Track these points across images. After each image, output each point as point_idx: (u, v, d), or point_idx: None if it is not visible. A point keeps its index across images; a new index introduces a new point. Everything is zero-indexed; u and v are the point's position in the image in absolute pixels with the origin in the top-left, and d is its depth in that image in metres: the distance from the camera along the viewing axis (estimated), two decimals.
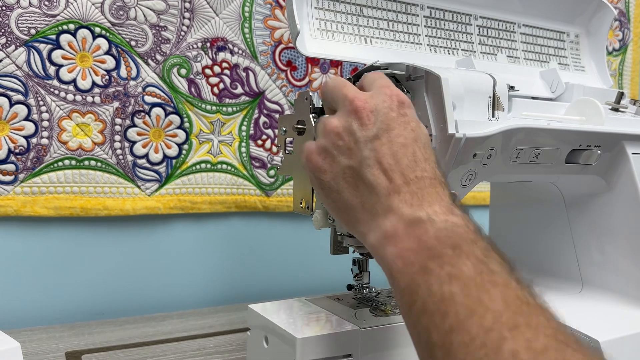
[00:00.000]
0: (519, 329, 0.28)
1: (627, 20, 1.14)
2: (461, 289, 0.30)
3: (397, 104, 0.40)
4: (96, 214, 0.73)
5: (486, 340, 0.28)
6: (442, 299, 0.31)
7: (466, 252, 0.32)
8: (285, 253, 0.86)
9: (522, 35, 0.64)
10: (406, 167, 0.37)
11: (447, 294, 0.31)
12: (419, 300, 0.32)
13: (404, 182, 0.37)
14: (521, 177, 0.56)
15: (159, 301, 0.78)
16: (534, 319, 0.29)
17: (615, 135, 0.56)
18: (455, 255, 0.32)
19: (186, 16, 0.76)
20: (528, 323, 0.28)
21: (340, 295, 0.56)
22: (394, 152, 0.38)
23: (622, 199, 0.58)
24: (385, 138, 0.39)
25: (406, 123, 0.40)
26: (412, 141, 0.39)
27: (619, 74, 1.15)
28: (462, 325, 0.29)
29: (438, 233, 0.34)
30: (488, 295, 0.30)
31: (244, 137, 0.82)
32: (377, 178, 0.38)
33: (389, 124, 0.39)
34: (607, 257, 0.59)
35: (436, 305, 0.31)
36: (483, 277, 0.31)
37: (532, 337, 0.28)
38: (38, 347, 0.62)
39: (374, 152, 0.38)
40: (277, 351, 0.48)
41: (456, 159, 0.44)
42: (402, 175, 0.37)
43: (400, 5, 0.56)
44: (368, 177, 0.38)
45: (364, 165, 0.38)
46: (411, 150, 0.38)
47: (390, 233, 0.35)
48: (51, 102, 0.70)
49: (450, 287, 0.31)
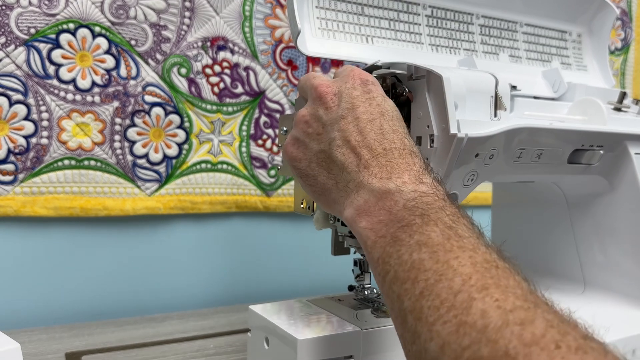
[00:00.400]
0: (487, 290, 0.28)
1: (629, 20, 1.14)
2: (430, 255, 0.31)
3: (360, 82, 0.42)
4: (96, 214, 0.72)
5: (455, 302, 0.28)
6: (412, 266, 0.31)
7: (434, 219, 0.33)
8: (286, 254, 0.86)
9: (524, 35, 0.64)
10: (373, 141, 0.38)
11: (416, 261, 0.31)
12: (391, 270, 0.33)
13: (372, 157, 0.38)
14: (523, 177, 0.56)
15: (159, 302, 0.78)
16: (502, 280, 0.29)
17: (618, 135, 0.55)
18: (423, 224, 0.33)
19: (186, 15, 0.75)
20: (497, 284, 0.29)
21: (341, 296, 0.56)
22: (361, 129, 0.39)
23: (625, 199, 0.58)
24: (350, 117, 0.40)
25: (371, 99, 0.41)
26: (379, 115, 0.40)
27: (621, 73, 1.14)
28: (431, 289, 0.30)
29: (407, 203, 0.34)
30: (457, 260, 0.30)
31: (244, 137, 0.81)
32: (347, 157, 0.39)
33: (353, 102, 0.40)
34: (609, 257, 0.59)
35: (407, 273, 0.32)
36: (451, 243, 0.31)
37: (501, 298, 0.28)
38: (38, 347, 0.61)
39: (341, 132, 0.39)
40: (277, 352, 0.47)
41: (458, 159, 0.44)
42: (370, 149, 0.38)
43: (401, 4, 0.56)
44: (338, 157, 0.39)
45: (333, 146, 0.40)
46: (378, 124, 0.39)
47: (362, 208, 0.36)
48: (51, 102, 0.69)
49: (420, 254, 0.31)
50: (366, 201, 0.36)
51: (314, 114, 0.42)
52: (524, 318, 0.26)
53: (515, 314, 0.27)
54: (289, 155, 0.44)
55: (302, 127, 0.43)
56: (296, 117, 0.43)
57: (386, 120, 0.40)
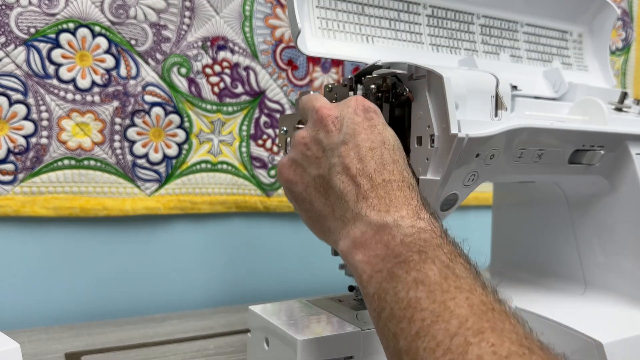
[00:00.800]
0: (484, 334, 0.28)
1: (630, 20, 1.14)
2: (427, 295, 0.31)
3: (362, 109, 0.41)
4: (95, 214, 0.72)
5: (451, 345, 0.28)
6: (408, 305, 0.31)
7: (432, 257, 0.33)
8: (286, 254, 0.86)
9: (525, 35, 0.64)
10: (374, 171, 0.38)
11: (413, 300, 0.31)
12: (387, 306, 0.32)
13: (371, 187, 0.37)
14: (524, 177, 0.56)
15: (159, 302, 0.78)
16: (499, 324, 0.29)
17: (619, 135, 0.55)
18: (421, 261, 0.32)
19: (186, 15, 0.75)
20: (493, 328, 0.28)
21: (341, 297, 0.56)
22: (362, 156, 0.38)
23: (626, 200, 0.57)
24: (352, 143, 0.39)
25: (372, 127, 0.40)
26: (380, 144, 0.39)
27: (622, 73, 1.14)
28: (428, 330, 0.29)
29: (405, 239, 0.34)
30: (454, 301, 0.30)
31: (244, 137, 0.81)
32: (346, 185, 0.38)
33: (355, 128, 0.39)
34: (610, 258, 0.59)
35: (403, 312, 0.31)
36: (449, 282, 0.31)
37: (497, 342, 0.28)
38: (37, 347, 0.61)
39: (341, 157, 0.39)
40: (277, 353, 0.47)
41: (459, 159, 0.44)
42: (370, 179, 0.37)
43: (402, 4, 0.55)
44: (337, 184, 0.38)
45: (333, 172, 0.39)
46: (379, 154, 0.39)
47: (359, 240, 0.36)
48: (51, 102, 0.69)
49: (417, 293, 0.31)
50: (363, 233, 0.36)
51: (314, 137, 0.41)
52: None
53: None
54: (284, 178, 0.42)
55: (300, 150, 0.41)
56: (294, 139, 0.42)
57: (387, 149, 0.39)
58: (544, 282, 0.64)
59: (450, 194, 0.46)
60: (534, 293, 0.61)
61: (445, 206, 0.47)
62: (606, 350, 0.48)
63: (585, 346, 0.49)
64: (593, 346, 0.48)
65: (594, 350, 0.48)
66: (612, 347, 0.48)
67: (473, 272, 0.33)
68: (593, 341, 0.49)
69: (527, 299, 0.58)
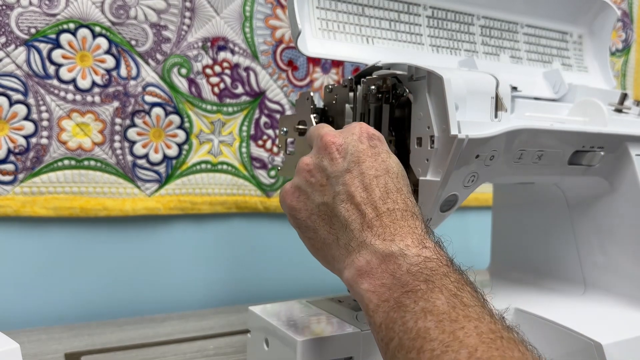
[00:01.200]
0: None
1: (630, 21, 1.14)
2: (436, 325, 0.31)
3: (367, 136, 0.41)
4: (96, 215, 0.72)
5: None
6: (417, 335, 0.31)
7: (439, 286, 0.33)
8: (286, 254, 0.86)
9: (525, 36, 0.64)
10: (378, 199, 0.38)
11: (422, 330, 0.31)
12: (396, 336, 0.32)
13: (376, 216, 0.37)
14: (524, 178, 0.56)
15: (159, 302, 0.78)
16: (508, 352, 0.29)
17: (619, 136, 0.55)
18: (428, 290, 0.32)
19: (187, 15, 0.75)
20: (502, 356, 0.29)
21: (341, 297, 0.56)
22: (366, 185, 0.38)
23: (626, 201, 0.58)
24: (356, 171, 0.39)
25: (376, 155, 0.40)
26: (384, 172, 0.39)
27: (622, 74, 1.14)
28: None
29: (411, 268, 0.34)
30: (462, 330, 0.30)
31: (244, 138, 0.81)
32: (350, 213, 0.38)
33: (359, 156, 0.40)
34: (610, 259, 0.59)
35: (412, 342, 0.31)
36: (457, 312, 0.31)
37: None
38: (37, 348, 0.61)
39: (346, 185, 0.39)
40: (277, 353, 0.47)
41: (459, 160, 0.44)
42: (374, 208, 0.38)
43: (402, 5, 0.56)
44: (342, 212, 0.38)
45: (337, 200, 0.39)
46: (383, 182, 0.39)
47: (364, 269, 0.36)
48: (51, 102, 0.69)
49: (425, 323, 0.31)
50: (368, 262, 0.36)
51: (318, 165, 0.41)
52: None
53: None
54: (288, 205, 0.42)
55: (304, 176, 0.41)
56: (299, 165, 0.42)
57: (391, 178, 0.39)
58: (543, 283, 0.64)
59: (450, 195, 0.46)
60: (534, 294, 0.61)
61: (445, 207, 0.47)
62: (606, 351, 0.48)
63: (585, 347, 0.49)
64: (593, 347, 0.48)
65: (594, 351, 0.48)
66: (612, 348, 0.48)
67: (480, 300, 0.33)
68: (593, 342, 0.49)
69: (527, 300, 0.58)
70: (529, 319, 0.54)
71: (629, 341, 0.51)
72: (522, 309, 0.55)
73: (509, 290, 0.62)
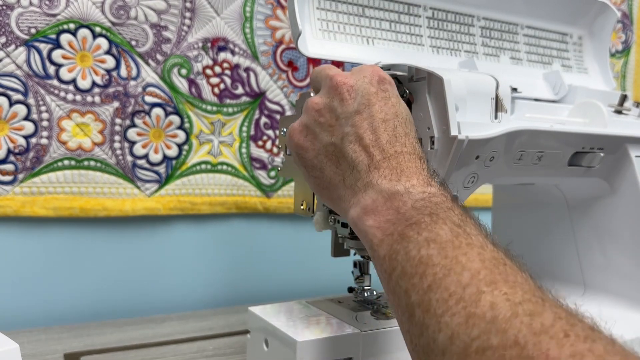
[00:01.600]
0: (496, 284, 0.29)
1: (630, 22, 1.14)
2: (438, 251, 0.31)
3: (378, 79, 0.41)
4: (95, 215, 0.72)
5: (464, 294, 0.29)
6: (420, 261, 0.31)
7: (443, 218, 0.33)
8: (286, 255, 0.86)
9: (525, 37, 0.64)
10: (386, 143, 0.38)
11: (425, 257, 0.31)
12: (398, 265, 0.33)
13: (383, 158, 0.38)
14: (524, 179, 0.56)
15: (158, 302, 0.78)
16: (510, 276, 0.29)
17: (618, 137, 0.55)
18: (432, 222, 0.33)
19: (187, 16, 0.75)
20: (505, 280, 0.29)
21: (341, 298, 0.56)
22: (375, 128, 0.39)
23: (625, 202, 0.58)
24: (366, 113, 0.39)
25: (386, 98, 0.40)
26: (393, 116, 0.39)
27: (622, 76, 1.14)
28: (440, 283, 0.30)
29: (415, 203, 0.35)
30: (465, 256, 0.30)
31: (244, 138, 0.81)
32: (358, 155, 0.38)
33: (370, 99, 0.40)
34: (610, 260, 0.59)
35: (414, 268, 0.32)
36: (460, 240, 0.32)
37: (509, 292, 0.28)
38: (37, 348, 0.61)
39: (355, 127, 0.39)
40: (277, 354, 0.47)
41: (458, 161, 0.44)
42: (382, 150, 0.38)
43: (402, 6, 0.56)
44: (349, 153, 0.39)
45: (346, 141, 0.39)
46: (392, 125, 0.39)
47: (369, 207, 0.36)
48: (51, 102, 0.69)
49: (428, 250, 0.32)
50: (374, 201, 0.36)
51: (328, 104, 0.41)
52: (533, 310, 0.27)
53: (524, 306, 0.27)
54: (295, 143, 0.42)
55: (313, 116, 0.41)
56: (307, 104, 0.42)
57: (400, 122, 0.39)
58: (543, 284, 0.64)
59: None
60: None
61: None
62: None
63: None
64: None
65: None
66: None
67: (483, 232, 0.34)
68: None
69: None
70: None
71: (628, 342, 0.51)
72: None
73: None
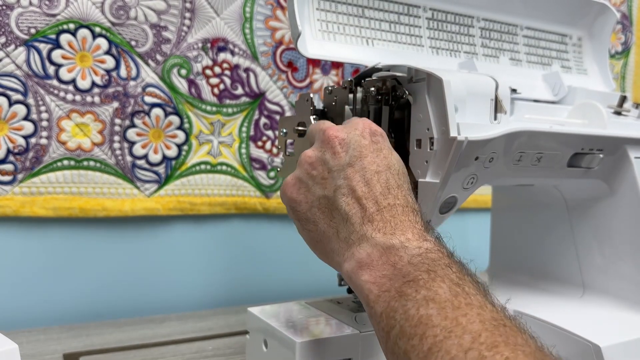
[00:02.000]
0: (497, 348, 0.28)
1: (629, 24, 1.14)
2: (438, 311, 0.31)
3: (370, 132, 0.41)
4: (95, 215, 0.72)
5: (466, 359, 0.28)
6: (419, 322, 0.31)
7: (441, 275, 0.33)
8: (285, 255, 0.86)
9: (525, 38, 0.64)
10: (379, 195, 0.38)
11: (424, 317, 0.31)
12: (397, 325, 0.32)
13: (377, 210, 0.38)
14: (523, 180, 0.56)
15: (158, 303, 0.78)
16: (511, 338, 0.29)
17: (618, 139, 0.55)
18: (430, 279, 0.33)
19: (187, 16, 0.75)
20: (506, 342, 0.29)
21: (340, 299, 0.56)
22: (367, 180, 0.39)
23: (625, 203, 0.58)
24: (358, 165, 0.39)
25: (378, 150, 0.41)
26: (385, 168, 0.40)
27: (622, 77, 1.14)
28: (440, 346, 0.29)
29: (412, 259, 0.34)
30: (465, 317, 0.30)
31: (244, 138, 0.81)
32: (351, 207, 0.38)
33: (362, 151, 0.40)
34: (609, 261, 0.59)
35: (414, 329, 0.31)
36: (459, 299, 0.31)
37: (511, 356, 0.28)
38: (36, 348, 0.61)
39: (347, 179, 0.39)
40: (276, 355, 0.47)
41: (458, 162, 0.44)
42: (375, 202, 0.38)
43: (402, 6, 0.56)
44: (342, 205, 0.39)
45: (338, 194, 0.39)
46: (384, 177, 0.39)
47: (364, 261, 0.36)
48: (50, 102, 0.69)
49: (427, 310, 0.31)
50: (369, 255, 0.36)
51: (320, 157, 0.41)
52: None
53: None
54: (288, 196, 0.42)
55: (306, 169, 0.42)
56: (301, 158, 0.42)
57: (392, 174, 0.40)
58: (542, 285, 0.64)
59: (449, 197, 0.47)
60: (533, 296, 0.61)
61: (444, 209, 0.47)
62: (604, 354, 0.48)
63: (584, 349, 0.49)
64: (591, 349, 0.48)
65: (592, 354, 0.48)
66: (611, 351, 0.48)
67: (482, 291, 0.33)
68: (591, 344, 0.49)
69: (526, 301, 0.58)
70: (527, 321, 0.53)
71: (627, 343, 0.51)
72: (520, 311, 0.55)
73: (507, 292, 0.62)
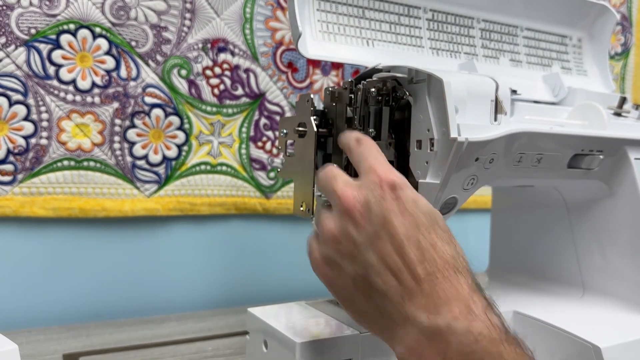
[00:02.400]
0: None
1: (629, 25, 1.14)
2: None
3: (389, 189, 0.38)
4: (95, 215, 0.72)
5: None
6: None
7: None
8: (285, 256, 0.86)
9: (525, 39, 0.64)
10: (416, 262, 0.35)
11: None
12: None
13: (415, 283, 0.35)
14: (523, 181, 0.56)
15: (158, 303, 0.78)
16: None
17: (618, 140, 0.55)
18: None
19: (187, 17, 0.75)
20: None
21: None
22: (398, 248, 0.36)
23: (624, 204, 0.58)
24: (385, 235, 0.36)
25: (403, 209, 0.37)
26: (414, 229, 0.36)
27: (621, 78, 1.14)
28: None
29: (462, 348, 0.33)
30: None
31: (244, 139, 0.81)
32: (388, 284, 0.36)
33: (385, 216, 0.37)
34: (608, 262, 0.59)
35: None
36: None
37: None
38: (35, 348, 0.61)
39: (377, 253, 0.37)
40: (276, 355, 0.47)
41: (458, 162, 0.44)
42: (412, 274, 0.35)
43: (402, 7, 0.56)
44: (378, 283, 0.36)
45: (371, 272, 0.37)
46: (414, 241, 0.36)
47: (414, 349, 0.34)
48: (50, 102, 0.69)
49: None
50: (417, 341, 0.34)
51: (343, 231, 0.38)
52: None
53: None
54: (322, 275, 0.41)
55: (332, 246, 0.39)
56: (323, 233, 0.40)
57: (422, 234, 0.36)
58: (542, 286, 0.64)
59: (449, 198, 0.47)
60: (533, 297, 0.61)
61: (444, 210, 0.47)
62: (604, 355, 0.48)
63: (584, 350, 0.49)
64: (591, 350, 0.49)
65: (592, 355, 0.48)
66: (610, 352, 0.48)
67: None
68: (591, 345, 0.49)
69: (526, 302, 0.58)
70: (527, 322, 0.54)
71: (627, 344, 0.51)
72: (520, 312, 0.55)
73: (507, 293, 0.62)
